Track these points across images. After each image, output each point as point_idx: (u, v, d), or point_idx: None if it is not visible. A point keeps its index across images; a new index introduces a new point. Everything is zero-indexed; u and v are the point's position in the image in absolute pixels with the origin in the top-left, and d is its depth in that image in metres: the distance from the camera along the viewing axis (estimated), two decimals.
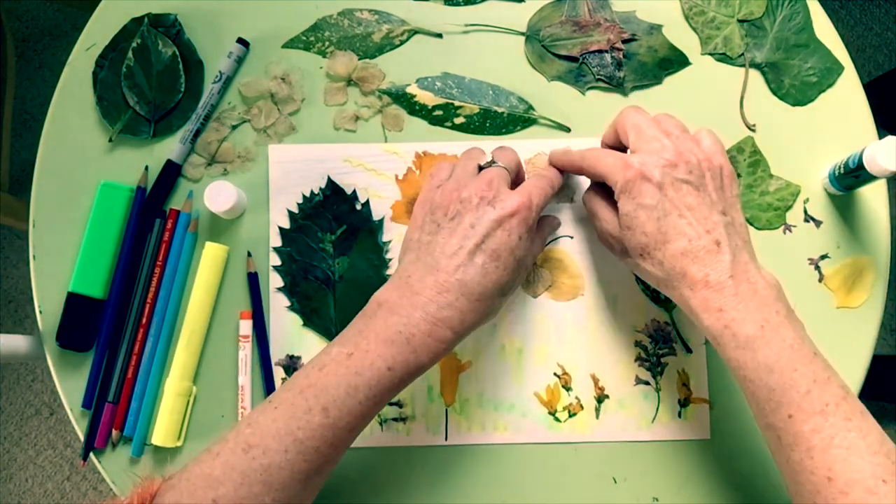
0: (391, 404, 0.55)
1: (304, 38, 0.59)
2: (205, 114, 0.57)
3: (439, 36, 0.59)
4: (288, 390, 0.44)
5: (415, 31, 0.59)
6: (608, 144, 0.52)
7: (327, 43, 0.59)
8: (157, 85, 0.58)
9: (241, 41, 0.58)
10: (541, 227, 0.54)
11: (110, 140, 0.58)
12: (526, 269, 0.49)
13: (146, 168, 0.57)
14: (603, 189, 0.50)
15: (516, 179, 0.52)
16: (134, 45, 0.58)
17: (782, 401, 0.42)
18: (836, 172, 0.55)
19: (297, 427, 0.42)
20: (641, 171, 0.45)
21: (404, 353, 0.44)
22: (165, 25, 0.59)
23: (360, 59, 0.59)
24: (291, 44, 0.59)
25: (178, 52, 0.58)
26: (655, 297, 0.56)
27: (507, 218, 0.46)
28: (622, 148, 0.50)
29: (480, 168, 0.50)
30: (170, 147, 0.58)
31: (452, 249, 0.45)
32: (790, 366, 0.42)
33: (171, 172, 0.57)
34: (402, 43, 0.59)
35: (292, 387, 0.44)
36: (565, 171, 0.53)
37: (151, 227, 0.56)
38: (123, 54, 0.58)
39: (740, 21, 0.59)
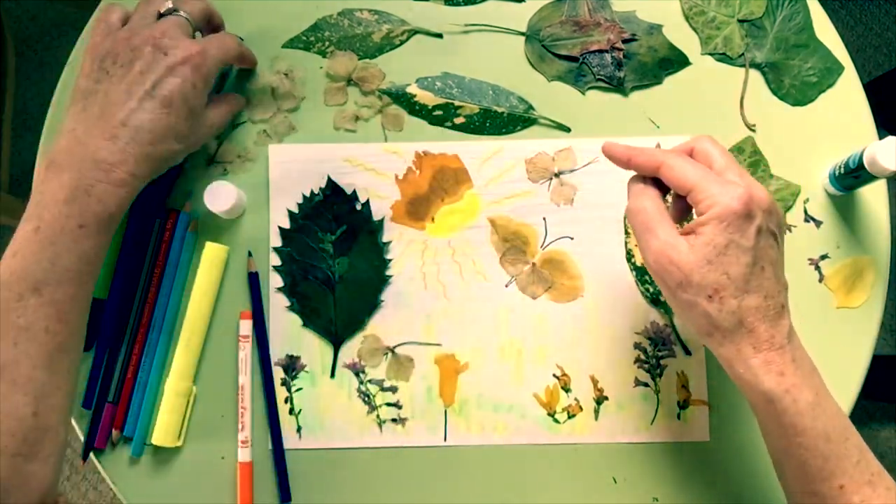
0: (390, 405, 0.55)
1: (304, 37, 0.59)
2: None
3: (439, 36, 0.59)
4: None
5: (415, 32, 0.59)
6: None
7: (327, 43, 0.59)
8: None
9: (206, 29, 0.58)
10: (226, 98, 0.55)
11: None
12: (204, 122, 0.49)
13: None
14: (662, 203, 0.44)
15: (211, 29, 0.53)
16: None
17: (835, 471, 0.41)
18: (837, 172, 0.55)
19: (16, 317, 0.42)
20: (749, 205, 0.40)
21: (90, 206, 0.43)
22: None
23: (360, 59, 0.59)
24: (291, 44, 0.59)
25: None
26: (655, 299, 0.56)
27: (178, 65, 0.46)
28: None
29: (161, 15, 0.49)
30: None
31: (121, 96, 0.45)
32: (843, 435, 0.41)
33: (171, 171, 0.57)
34: (401, 43, 0.59)
35: None
36: (630, 166, 0.45)
37: (151, 228, 0.56)
38: None
39: (740, 21, 0.59)
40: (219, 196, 0.54)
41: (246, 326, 0.55)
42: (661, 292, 0.44)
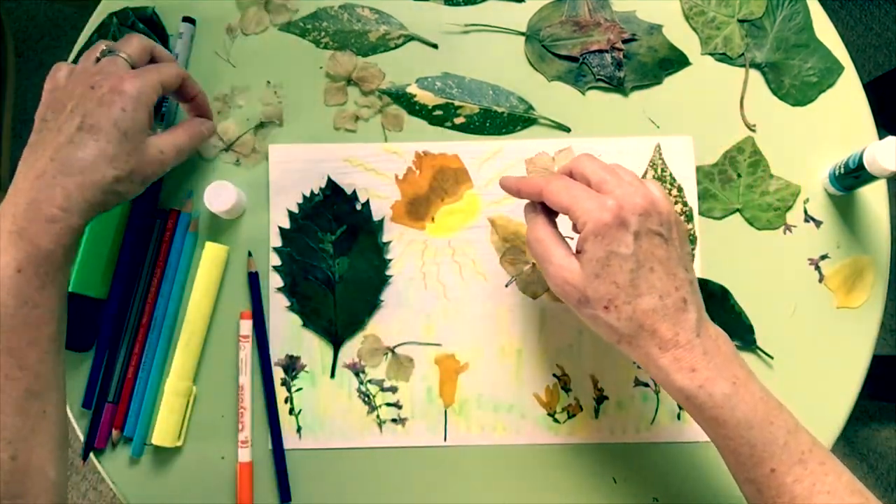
0: (390, 405, 0.55)
1: (302, 24, 0.59)
2: (175, 101, 0.58)
3: (435, 46, 0.59)
4: None
5: (411, 38, 0.59)
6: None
7: (323, 33, 0.59)
8: None
9: (186, 19, 0.59)
10: (186, 124, 0.53)
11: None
12: (150, 149, 0.48)
13: None
14: (553, 228, 0.46)
15: (192, 108, 0.54)
16: None
17: (763, 456, 0.42)
18: (837, 172, 0.55)
19: None
20: (620, 214, 0.42)
21: (23, 248, 0.42)
22: (144, 18, 0.59)
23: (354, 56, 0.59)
24: (288, 28, 0.59)
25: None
26: None
27: (106, 93, 0.45)
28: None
29: (98, 60, 0.49)
30: None
31: (53, 136, 0.45)
32: (766, 419, 0.42)
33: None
34: (396, 46, 0.59)
35: None
36: (521, 196, 0.48)
37: (151, 228, 0.56)
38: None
39: (740, 21, 0.59)
40: (219, 196, 0.54)
41: (246, 326, 0.55)
42: (612, 344, 0.45)
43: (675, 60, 0.59)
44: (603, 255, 0.42)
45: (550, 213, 0.47)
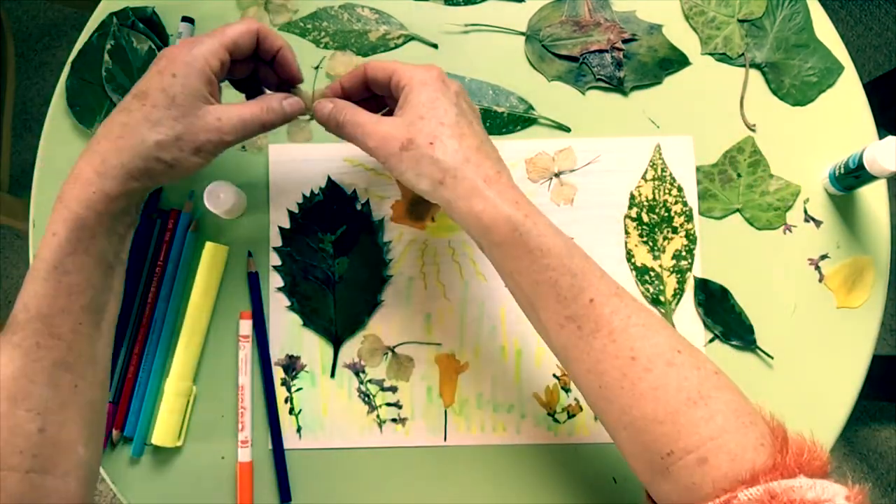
0: (390, 405, 0.55)
1: (302, 24, 0.59)
2: None
3: (435, 46, 0.59)
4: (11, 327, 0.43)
5: (411, 38, 0.59)
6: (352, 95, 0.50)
7: (323, 33, 0.59)
8: None
9: (186, 19, 0.59)
10: (263, 99, 0.48)
11: None
12: (206, 116, 0.45)
13: None
14: (355, 108, 0.48)
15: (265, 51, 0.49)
16: (108, 46, 0.58)
17: (584, 285, 0.42)
18: (836, 172, 0.55)
19: (11, 334, 0.42)
20: (442, 77, 0.46)
21: (59, 211, 0.43)
22: (144, 18, 0.59)
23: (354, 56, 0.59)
24: (288, 28, 0.59)
25: (154, 46, 0.58)
26: (655, 299, 0.56)
27: (162, 63, 0.45)
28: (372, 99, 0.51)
29: None
30: None
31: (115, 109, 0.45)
32: (582, 253, 0.44)
33: None
34: (396, 46, 0.59)
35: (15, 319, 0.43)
36: (345, 91, 0.50)
37: (151, 228, 0.56)
38: (85, 58, 0.58)
39: (740, 21, 0.59)
40: (219, 196, 0.54)
41: (246, 326, 0.55)
42: (431, 192, 0.45)
43: (675, 60, 0.59)
44: (429, 99, 0.45)
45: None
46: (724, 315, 0.56)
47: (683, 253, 0.57)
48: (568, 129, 0.58)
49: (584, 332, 0.42)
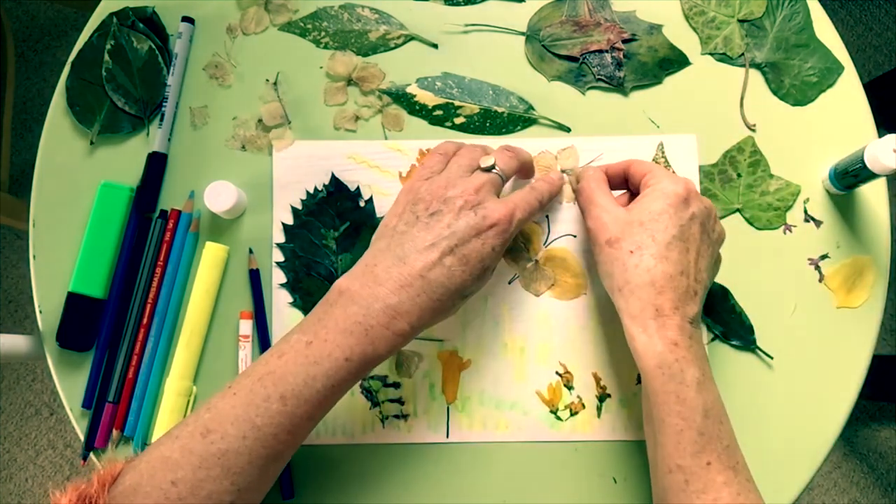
0: (392, 401, 0.55)
1: (302, 24, 0.60)
2: (175, 101, 0.58)
3: (435, 46, 0.59)
4: (248, 377, 0.44)
5: (411, 38, 0.59)
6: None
7: (323, 33, 0.59)
8: (141, 82, 0.58)
9: (186, 19, 0.59)
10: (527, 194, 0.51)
11: (91, 143, 0.58)
12: (489, 275, 0.48)
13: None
14: (607, 185, 0.52)
15: (522, 175, 0.53)
16: (108, 46, 0.58)
17: (707, 447, 0.43)
18: (837, 171, 0.55)
19: (255, 414, 0.42)
20: (689, 195, 0.47)
21: (362, 344, 0.44)
22: (144, 18, 0.59)
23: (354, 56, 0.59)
24: (288, 28, 0.59)
25: (154, 46, 0.58)
26: None
27: (485, 228, 0.46)
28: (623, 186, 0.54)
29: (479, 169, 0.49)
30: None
31: (424, 246, 0.45)
32: (720, 417, 0.44)
33: (158, 163, 0.57)
34: (396, 46, 0.59)
35: (252, 373, 0.44)
36: (614, 179, 0.53)
37: (152, 227, 0.57)
38: (85, 59, 0.58)
39: (740, 21, 0.59)
40: (219, 196, 0.54)
41: (246, 326, 0.55)
42: (609, 293, 0.48)
43: (675, 60, 0.59)
44: (658, 210, 0.46)
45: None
46: (724, 315, 0.56)
47: None
48: (568, 129, 0.58)
49: (690, 488, 0.43)
